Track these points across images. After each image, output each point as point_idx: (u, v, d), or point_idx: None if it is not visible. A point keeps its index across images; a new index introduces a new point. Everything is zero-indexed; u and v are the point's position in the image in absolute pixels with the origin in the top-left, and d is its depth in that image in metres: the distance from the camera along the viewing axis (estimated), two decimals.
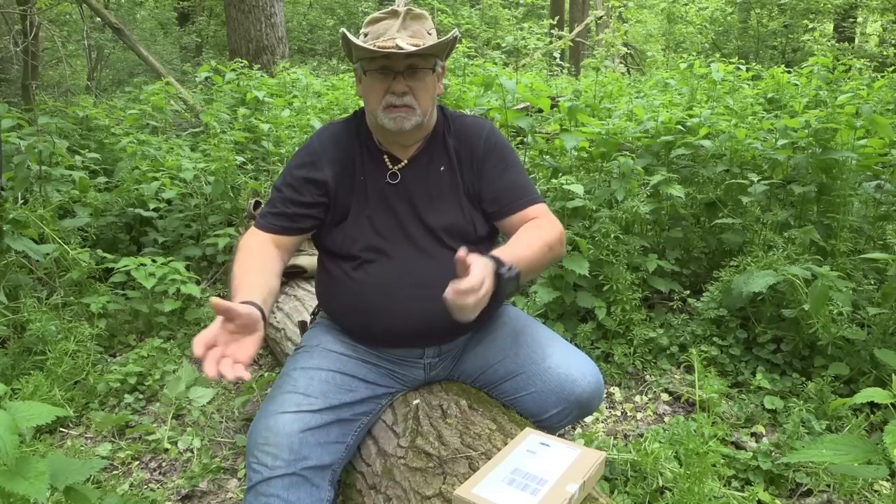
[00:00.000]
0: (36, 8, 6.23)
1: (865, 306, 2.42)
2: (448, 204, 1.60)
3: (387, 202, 1.59)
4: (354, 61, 1.58)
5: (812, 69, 4.78)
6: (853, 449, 1.35)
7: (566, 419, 1.63)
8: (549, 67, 8.50)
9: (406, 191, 1.59)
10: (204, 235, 3.41)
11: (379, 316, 1.55)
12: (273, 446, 1.34)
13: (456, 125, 1.67)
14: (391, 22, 1.52)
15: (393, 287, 1.53)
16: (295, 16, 14.76)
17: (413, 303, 1.53)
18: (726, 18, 13.06)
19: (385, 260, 1.55)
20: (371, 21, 1.56)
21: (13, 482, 1.09)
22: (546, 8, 15.35)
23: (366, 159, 1.62)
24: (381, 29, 1.52)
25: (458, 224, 1.59)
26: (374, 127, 1.62)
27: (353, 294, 1.56)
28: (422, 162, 1.62)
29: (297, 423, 1.38)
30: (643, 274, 2.76)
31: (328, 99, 5.14)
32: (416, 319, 1.54)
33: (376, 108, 1.53)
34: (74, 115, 4.26)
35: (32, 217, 2.72)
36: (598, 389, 1.60)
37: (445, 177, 1.62)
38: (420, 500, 1.33)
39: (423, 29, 1.54)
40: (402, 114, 1.52)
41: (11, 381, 2.29)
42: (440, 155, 1.64)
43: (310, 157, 1.62)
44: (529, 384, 1.60)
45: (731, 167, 3.00)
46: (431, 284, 1.47)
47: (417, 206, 1.58)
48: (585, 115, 3.12)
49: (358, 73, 1.59)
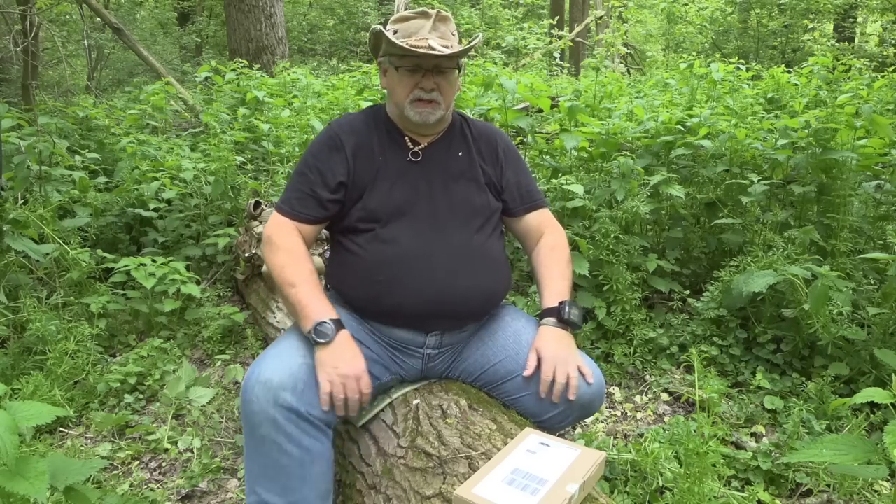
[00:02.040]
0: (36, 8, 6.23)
1: (865, 306, 2.42)
2: (466, 184, 1.70)
3: (407, 176, 1.66)
4: (381, 55, 1.68)
5: (812, 69, 4.78)
6: (853, 449, 1.35)
7: (567, 420, 1.64)
8: (549, 67, 8.50)
9: (427, 168, 1.68)
10: (204, 235, 3.41)
11: (390, 288, 1.57)
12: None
13: (472, 123, 1.82)
14: (422, 22, 1.61)
15: (407, 260, 1.57)
16: (295, 16, 14.76)
17: (425, 277, 1.56)
18: (726, 18, 13.07)
19: (401, 233, 1.60)
20: (400, 19, 1.65)
21: (13, 482, 1.09)
22: (546, 8, 15.35)
23: (385, 141, 1.69)
24: (413, 28, 1.61)
25: (475, 202, 1.69)
26: (396, 117, 1.71)
27: (366, 266, 1.59)
28: (441, 146, 1.73)
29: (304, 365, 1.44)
30: (643, 274, 2.76)
31: (328, 99, 5.14)
32: (425, 295, 1.56)
33: (403, 100, 1.63)
34: (74, 115, 4.26)
35: (32, 217, 2.72)
36: (599, 391, 1.61)
37: (464, 160, 1.73)
38: (420, 500, 1.33)
39: (449, 30, 1.65)
40: (429, 109, 1.63)
41: (11, 381, 2.28)
42: (459, 142, 1.75)
43: (330, 141, 1.67)
44: (531, 384, 1.60)
45: (731, 167, 3.00)
46: (444, 262, 1.58)
47: (436, 183, 1.66)
48: (585, 115, 3.12)
49: (384, 66, 1.69)
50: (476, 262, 1.63)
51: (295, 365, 1.42)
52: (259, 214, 3.04)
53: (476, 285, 1.62)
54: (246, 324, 2.93)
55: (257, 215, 3.04)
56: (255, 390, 1.36)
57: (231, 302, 3.20)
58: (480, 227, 1.67)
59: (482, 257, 1.65)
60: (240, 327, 2.91)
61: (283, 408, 1.35)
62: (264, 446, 1.37)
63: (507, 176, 1.78)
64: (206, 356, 2.82)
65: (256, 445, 1.39)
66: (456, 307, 1.60)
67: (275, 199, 3.46)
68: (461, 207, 1.66)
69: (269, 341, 2.72)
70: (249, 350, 2.81)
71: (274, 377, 1.37)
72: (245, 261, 3.03)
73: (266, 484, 1.39)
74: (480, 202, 1.70)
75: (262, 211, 3.05)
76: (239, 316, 2.86)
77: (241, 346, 2.85)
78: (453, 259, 1.60)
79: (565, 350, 1.58)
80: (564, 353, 1.57)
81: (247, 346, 2.83)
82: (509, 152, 1.82)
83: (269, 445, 1.37)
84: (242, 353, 2.83)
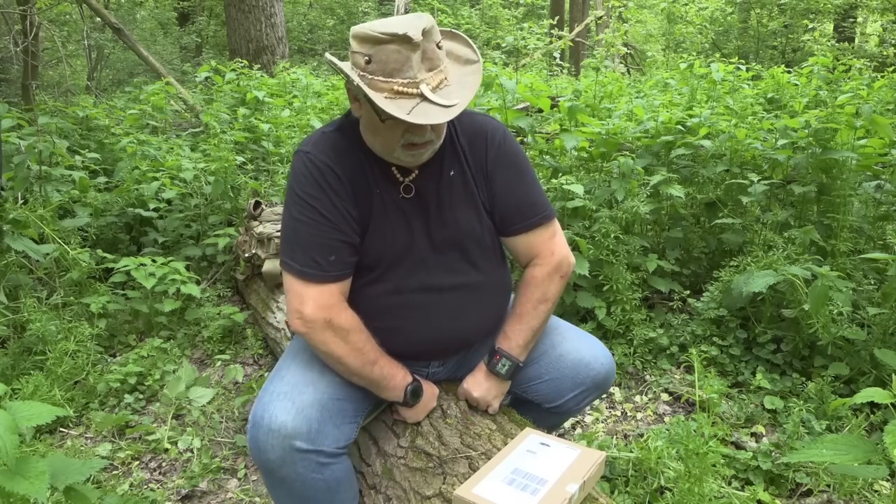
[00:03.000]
0: (36, 8, 6.23)
1: (865, 306, 2.42)
2: (461, 211, 1.50)
3: (402, 215, 1.46)
4: (354, 84, 1.29)
5: (812, 69, 4.78)
6: (853, 449, 1.35)
7: (584, 402, 1.66)
8: (549, 67, 8.49)
9: (421, 203, 1.47)
10: (204, 235, 3.41)
11: (391, 335, 1.49)
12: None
13: (464, 123, 1.52)
14: (406, 54, 1.23)
15: (406, 306, 1.49)
16: (295, 16, 14.75)
17: (426, 322, 1.51)
18: (726, 18, 13.07)
19: (399, 278, 1.48)
20: (372, 42, 1.24)
21: (13, 482, 1.09)
22: (546, 8, 15.34)
23: (375, 171, 1.45)
24: (394, 62, 1.24)
25: (474, 231, 1.52)
26: (380, 153, 1.44)
27: (363, 313, 1.45)
28: (433, 171, 1.48)
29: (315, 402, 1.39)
30: (643, 274, 2.76)
31: (328, 99, 5.14)
32: (427, 338, 1.53)
33: (393, 145, 1.36)
34: (74, 115, 4.26)
35: (32, 217, 2.72)
36: (611, 369, 1.63)
37: (457, 181, 1.50)
38: (420, 500, 1.33)
39: (433, 47, 1.28)
40: (423, 150, 1.39)
41: (11, 381, 2.28)
42: (450, 159, 1.50)
43: (320, 174, 1.39)
44: (543, 373, 1.61)
45: (731, 167, 3.00)
46: (445, 303, 1.51)
47: (431, 218, 1.48)
48: (585, 115, 3.12)
49: (357, 96, 1.36)
50: (478, 297, 1.56)
51: (305, 405, 1.34)
52: (259, 214, 3.04)
53: (479, 320, 1.58)
54: (246, 324, 2.94)
55: (257, 215, 3.03)
56: (270, 440, 1.31)
57: (231, 302, 3.20)
58: (480, 257, 1.54)
59: (485, 291, 1.57)
60: (240, 327, 2.91)
61: (299, 453, 1.32)
62: (286, 484, 1.37)
63: (496, 190, 1.52)
64: (206, 356, 2.82)
65: (278, 484, 1.39)
66: (459, 344, 1.59)
67: (275, 199, 3.46)
68: (460, 240, 1.50)
69: (269, 341, 2.72)
70: (249, 350, 2.81)
71: (287, 423, 1.30)
72: (245, 261, 3.03)
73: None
74: (479, 230, 1.52)
75: (262, 211, 3.05)
76: (239, 316, 2.86)
77: (241, 346, 2.85)
78: (455, 298, 1.52)
79: (490, 394, 1.58)
80: (488, 399, 1.58)
81: (247, 346, 2.83)
82: (500, 159, 1.52)
83: (291, 483, 1.36)
84: (242, 353, 2.83)
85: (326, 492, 1.39)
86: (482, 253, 1.54)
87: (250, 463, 2.13)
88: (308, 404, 1.34)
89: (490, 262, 1.57)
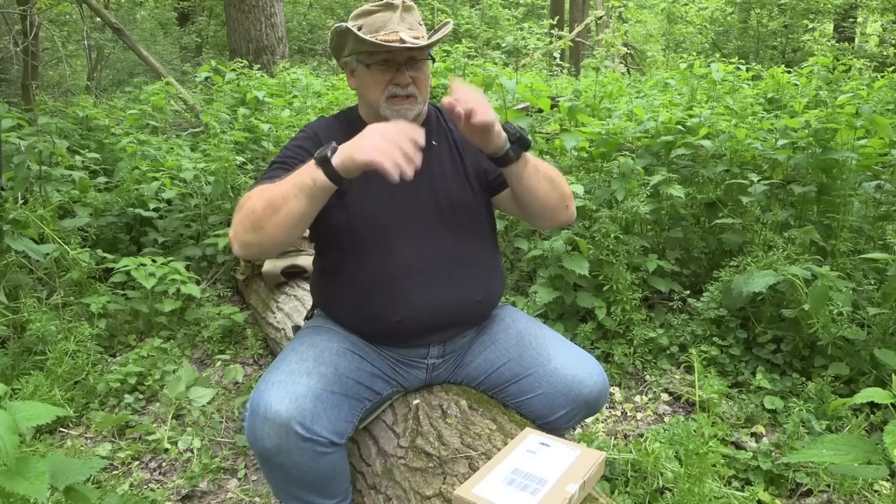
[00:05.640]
0: (36, 8, 6.23)
1: (865, 306, 2.42)
2: (450, 182, 1.61)
3: (389, 183, 1.36)
4: (347, 54, 1.57)
5: (812, 69, 4.78)
6: (853, 449, 1.35)
7: (574, 419, 1.64)
8: (549, 67, 8.49)
9: None
10: (204, 235, 3.41)
11: (384, 308, 1.52)
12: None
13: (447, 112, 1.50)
14: (388, 15, 1.51)
15: (398, 276, 1.52)
16: (295, 16, 14.75)
17: (418, 291, 1.53)
18: (726, 18, 13.07)
19: (389, 247, 1.53)
20: (363, 13, 1.53)
21: (13, 482, 1.09)
22: (546, 8, 15.34)
23: None
24: (379, 22, 1.50)
25: (462, 201, 1.61)
26: (371, 118, 1.58)
27: (355, 292, 1.54)
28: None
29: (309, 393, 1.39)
30: (643, 274, 2.76)
31: (328, 99, 5.13)
32: (420, 310, 1.53)
33: (378, 99, 1.53)
34: (74, 115, 4.26)
35: (32, 217, 2.72)
36: (604, 389, 1.62)
37: (444, 153, 1.64)
38: (420, 500, 1.33)
39: (416, 20, 1.55)
40: (407, 105, 1.54)
41: (11, 381, 2.28)
42: (437, 135, 1.65)
43: (308, 138, 1.58)
44: (536, 386, 1.60)
45: (731, 167, 3.00)
46: (436, 272, 1.54)
47: (419, 187, 1.52)
48: (585, 115, 3.12)
49: (351, 66, 1.58)
50: (468, 267, 1.59)
51: (299, 394, 1.37)
52: None
53: (472, 289, 1.60)
54: (246, 324, 2.94)
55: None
56: (265, 428, 1.33)
57: (231, 302, 3.20)
58: (470, 227, 1.62)
59: (475, 261, 1.61)
60: (240, 327, 2.91)
61: (295, 440, 1.34)
62: (283, 470, 1.39)
63: (473, 148, 1.54)
64: (206, 356, 2.82)
65: (274, 469, 1.41)
66: (453, 316, 1.58)
67: None
68: (448, 209, 1.59)
69: (269, 341, 2.72)
70: (249, 350, 2.81)
71: (281, 412, 1.33)
72: (245, 261, 3.03)
73: (296, 492, 1.45)
74: (467, 200, 1.61)
75: None
76: (239, 316, 2.86)
77: (241, 346, 2.85)
78: (446, 268, 1.55)
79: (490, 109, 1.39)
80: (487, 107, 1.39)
81: (247, 346, 2.83)
82: None
83: (288, 469, 1.38)
84: (242, 353, 2.83)
85: (323, 478, 1.42)
86: (472, 223, 1.62)
87: (250, 463, 2.13)
88: (302, 394, 1.37)
89: (477, 235, 1.63)
